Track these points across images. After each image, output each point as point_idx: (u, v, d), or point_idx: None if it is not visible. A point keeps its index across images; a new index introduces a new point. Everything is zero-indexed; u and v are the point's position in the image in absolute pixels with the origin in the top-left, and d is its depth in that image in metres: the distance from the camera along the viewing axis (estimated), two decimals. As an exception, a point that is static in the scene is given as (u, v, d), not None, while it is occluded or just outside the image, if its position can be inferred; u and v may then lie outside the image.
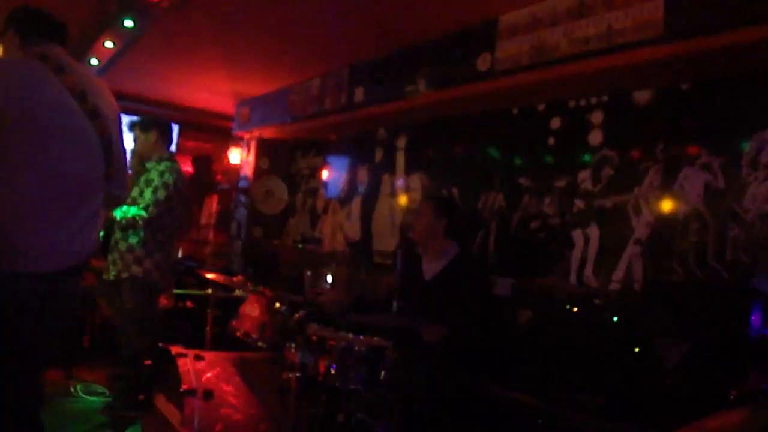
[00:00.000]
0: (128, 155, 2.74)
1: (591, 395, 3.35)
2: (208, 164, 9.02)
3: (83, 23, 4.73)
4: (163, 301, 5.57)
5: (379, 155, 6.10)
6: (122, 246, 4.30)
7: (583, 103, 4.13)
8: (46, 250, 2.18)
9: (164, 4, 4.04)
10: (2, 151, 2.10)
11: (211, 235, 8.73)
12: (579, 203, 4.07)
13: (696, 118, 3.53)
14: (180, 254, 7.63)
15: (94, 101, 2.38)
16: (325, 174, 7.05)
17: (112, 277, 4.35)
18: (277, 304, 3.62)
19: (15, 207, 2.11)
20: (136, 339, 4.31)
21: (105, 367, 5.19)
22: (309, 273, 3.28)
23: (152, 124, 4.55)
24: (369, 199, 6.17)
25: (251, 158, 7.75)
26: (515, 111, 4.62)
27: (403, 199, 5.66)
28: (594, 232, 3.98)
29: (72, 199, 2.29)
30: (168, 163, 4.43)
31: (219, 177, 8.82)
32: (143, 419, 3.64)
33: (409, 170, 5.67)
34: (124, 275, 4.29)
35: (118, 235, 4.34)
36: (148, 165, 4.46)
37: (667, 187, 3.62)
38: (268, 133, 7.33)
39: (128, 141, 4.69)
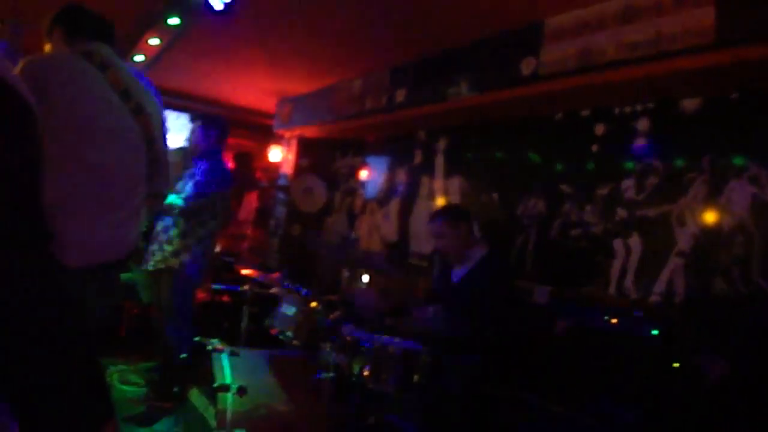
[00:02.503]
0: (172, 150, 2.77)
1: (628, 409, 3.29)
2: (249, 161, 9.09)
3: (129, 21, 4.79)
4: (200, 295, 5.62)
5: (418, 157, 6.08)
6: (162, 237, 4.35)
7: (628, 110, 4.06)
8: (85, 244, 2.21)
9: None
10: (45, 144, 2.12)
11: (249, 231, 8.79)
12: (621, 212, 4.00)
13: (745, 129, 3.44)
14: (217, 249, 7.70)
15: (137, 98, 2.41)
16: (363, 174, 7.05)
17: (151, 268, 4.40)
18: (313, 304, 3.63)
19: (55, 200, 2.13)
20: (173, 331, 4.36)
21: (141, 358, 5.25)
22: (346, 273, 3.27)
23: (215, 124, 4.63)
24: (407, 200, 6.15)
25: (291, 156, 7.78)
26: (558, 116, 4.56)
27: (441, 202, 5.63)
28: (636, 242, 3.90)
29: (113, 194, 2.31)
30: (214, 161, 4.47)
31: (259, 174, 8.88)
32: (177, 411, 3.67)
33: (448, 173, 5.64)
34: (162, 267, 4.33)
35: (159, 227, 4.39)
36: (196, 160, 4.51)
37: (712, 198, 3.54)
38: (309, 131, 7.36)
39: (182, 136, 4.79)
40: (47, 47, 2.52)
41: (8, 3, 4.28)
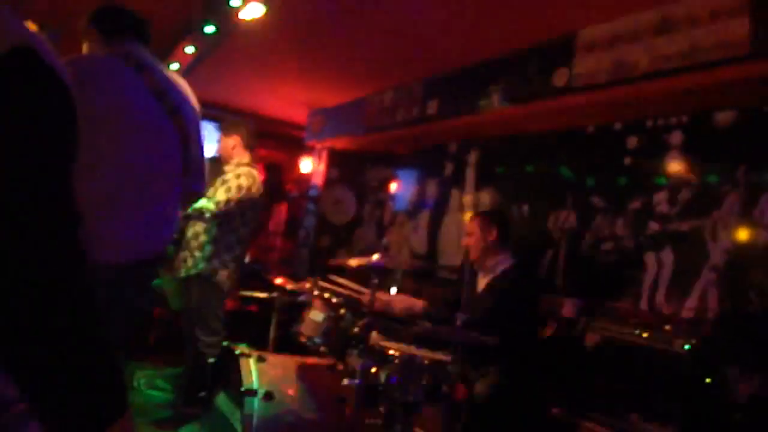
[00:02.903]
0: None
1: (659, 424, 3.24)
2: (279, 172, 9.15)
3: (167, 27, 4.86)
4: (229, 304, 5.65)
5: (448, 170, 6.08)
6: (193, 244, 4.38)
7: (661, 122, 4.03)
8: (122, 241, 2.24)
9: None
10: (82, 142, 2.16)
11: (278, 242, 8.83)
12: (653, 226, 3.96)
13: (781, 142, 3.40)
14: (246, 259, 7.75)
15: (173, 100, 2.44)
16: (393, 186, 7.07)
17: (182, 275, 4.43)
18: (342, 311, 3.63)
19: (90, 198, 2.17)
20: (201, 337, 4.38)
21: (169, 364, 5.29)
22: (375, 281, 3.27)
23: (237, 128, 4.65)
24: (437, 213, 6.14)
25: (322, 167, 7.82)
26: (590, 129, 4.53)
27: (471, 215, 5.61)
28: (668, 256, 3.86)
29: (148, 192, 2.35)
30: (245, 168, 4.50)
31: (289, 186, 8.93)
32: (203, 416, 3.69)
33: (479, 186, 5.63)
34: (193, 273, 4.37)
35: (189, 233, 4.43)
36: (227, 168, 4.54)
37: (746, 213, 3.49)
38: (340, 143, 7.40)
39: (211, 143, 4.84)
40: (84, 47, 2.56)
41: (46, 6, 4.36)
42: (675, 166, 3.91)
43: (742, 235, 3.50)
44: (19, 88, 0.97)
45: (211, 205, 4.27)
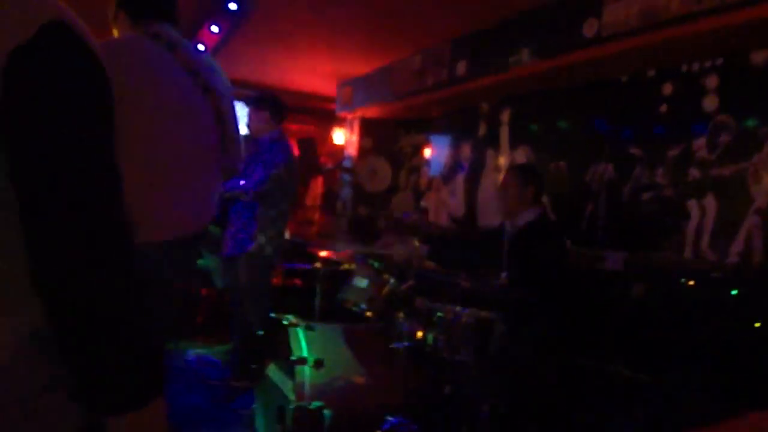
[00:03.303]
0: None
1: (709, 372, 3.23)
2: (312, 146, 9.18)
3: (190, 8, 4.89)
4: (274, 279, 5.73)
5: (482, 130, 6.04)
6: (237, 223, 4.44)
7: (696, 67, 3.94)
8: (164, 218, 2.29)
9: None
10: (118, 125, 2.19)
11: (316, 216, 8.90)
12: (694, 172, 3.90)
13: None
14: (287, 234, 7.83)
15: (206, 77, 2.47)
16: (428, 152, 7.06)
17: (228, 254, 4.50)
18: (385, 275, 3.66)
19: (128, 176, 2.21)
20: (250, 313, 4.46)
21: (218, 341, 5.40)
22: (417, 243, 3.29)
23: (264, 102, 4.66)
24: (473, 174, 6.13)
25: (355, 138, 7.84)
26: (624, 79, 4.45)
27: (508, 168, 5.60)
28: (711, 202, 3.80)
29: (186, 171, 2.38)
30: (278, 143, 4.52)
31: (323, 158, 8.97)
32: (255, 387, 3.77)
33: (513, 144, 5.59)
34: (239, 251, 4.43)
35: (232, 211, 4.48)
36: (260, 143, 4.57)
37: (789, 152, 3.43)
38: (371, 112, 7.40)
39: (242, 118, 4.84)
40: (114, 32, 2.60)
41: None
42: (712, 111, 3.84)
43: (786, 175, 3.44)
44: (57, 60, 0.99)
45: (252, 185, 4.29)
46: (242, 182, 4.30)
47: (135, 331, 1.04)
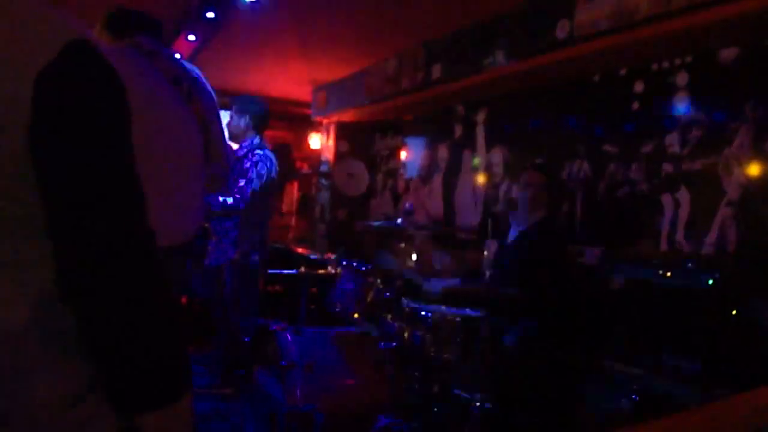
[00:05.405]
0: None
1: (688, 361, 3.31)
2: (287, 152, 9.18)
3: (168, 17, 4.88)
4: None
5: (458, 131, 6.11)
6: (219, 231, 4.43)
7: (666, 65, 4.05)
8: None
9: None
10: None
11: (293, 222, 8.91)
12: (667, 168, 4.00)
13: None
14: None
15: (188, 84, 2.49)
16: (404, 154, 7.11)
17: (212, 263, 4.48)
18: (371, 278, 3.70)
19: None
20: (238, 320, 4.45)
21: (200, 349, 5.38)
22: (402, 245, 3.34)
23: (245, 108, 4.58)
24: (450, 175, 6.20)
25: (331, 142, 7.87)
26: (596, 78, 4.55)
27: (484, 175, 5.67)
28: (684, 195, 3.91)
29: (170, 180, 2.39)
30: (260, 152, 4.48)
31: (299, 163, 8.98)
32: (243, 393, 3.79)
33: (490, 145, 5.67)
34: (223, 260, 4.42)
35: (214, 220, 4.46)
36: (240, 153, 4.52)
37: (758, 146, 3.52)
38: (347, 116, 7.44)
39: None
40: None
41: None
42: (683, 107, 3.95)
43: (755, 168, 3.54)
44: (83, 77, 1.03)
45: (240, 206, 4.26)
46: (229, 200, 4.24)
47: (166, 331, 1.09)
